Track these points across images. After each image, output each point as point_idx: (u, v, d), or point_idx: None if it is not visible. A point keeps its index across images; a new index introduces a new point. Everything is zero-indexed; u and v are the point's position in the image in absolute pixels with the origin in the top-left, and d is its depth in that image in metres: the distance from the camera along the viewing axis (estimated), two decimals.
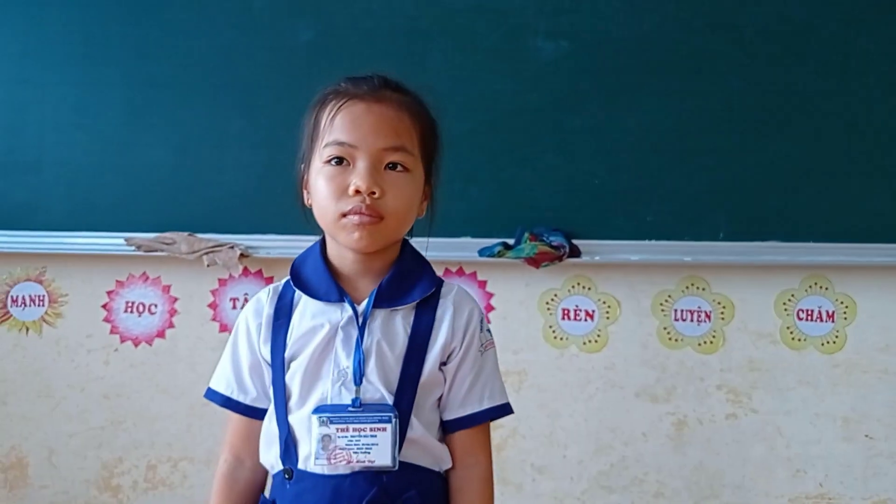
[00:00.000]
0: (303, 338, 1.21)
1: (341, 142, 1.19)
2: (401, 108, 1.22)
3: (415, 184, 1.23)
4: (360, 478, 1.16)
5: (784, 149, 2.27)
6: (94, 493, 2.41)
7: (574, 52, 2.29)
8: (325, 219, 1.21)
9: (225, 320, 2.41)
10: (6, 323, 2.43)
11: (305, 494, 1.17)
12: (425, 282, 1.24)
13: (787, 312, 2.35)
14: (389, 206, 1.18)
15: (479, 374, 1.25)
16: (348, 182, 1.17)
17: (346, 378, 1.18)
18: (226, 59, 2.34)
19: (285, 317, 1.24)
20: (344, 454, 1.15)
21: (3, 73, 2.37)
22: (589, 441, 2.37)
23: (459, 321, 1.24)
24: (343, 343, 1.19)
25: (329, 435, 1.15)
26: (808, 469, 2.35)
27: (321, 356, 1.20)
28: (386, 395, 1.18)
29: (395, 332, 1.21)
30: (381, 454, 1.15)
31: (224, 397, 1.27)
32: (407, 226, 1.25)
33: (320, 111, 1.24)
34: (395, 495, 1.16)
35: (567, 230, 2.27)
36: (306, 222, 1.28)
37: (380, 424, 1.16)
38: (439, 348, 1.21)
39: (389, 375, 1.19)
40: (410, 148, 1.21)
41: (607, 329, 2.38)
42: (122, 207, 2.33)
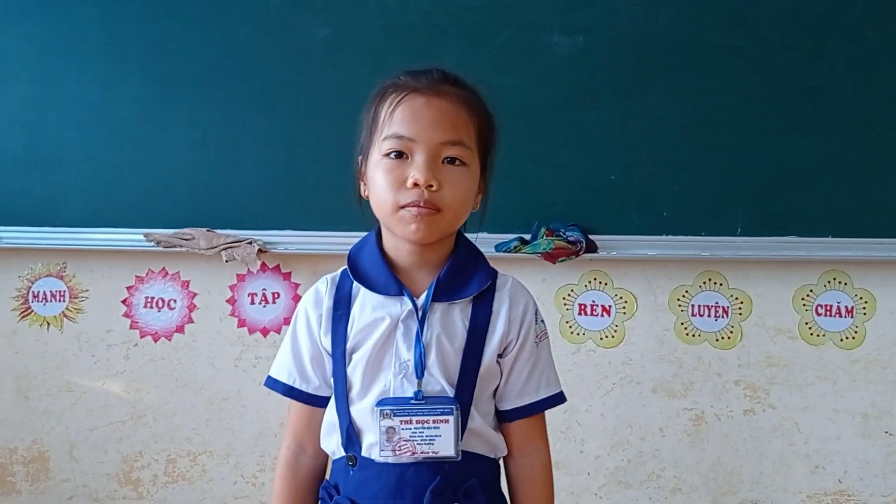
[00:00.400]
0: (364, 330, 1.24)
1: (400, 135, 1.21)
2: (459, 103, 1.24)
3: (471, 178, 1.24)
4: (424, 467, 1.20)
5: (802, 143, 2.26)
6: (114, 486, 2.43)
7: (589, 48, 2.28)
8: (383, 211, 1.23)
9: (243, 316, 2.43)
10: (28, 318, 2.46)
11: (370, 482, 1.21)
12: (482, 274, 1.27)
13: (806, 308, 2.34)
14: (447, 200, 1.20)
15: (536, 364, 1.28)
16: (406, 175, 1.19)
17: (408, 371, 1.21)
18: (243, 56, 2.35)
19: (345, 308, 1.26)
20: (408, 445, 1.19)
21: (24, 71, 2.38)
22: (606, 436, 2.37)
23: (516, 313, 1.27)
24: (404, 336, 1.22)
25: (393, 427, 1.19)
26: (826, 466, 2.34)
27: (382, 349, 1.23)
28: (446, 387, 1.21)
29: (454, 325, 1.24)
30: (445, 445, 1.19)
31: (287, 386, 1.30)
32: (462, 219, 1.27)
33: (379, 104, 1.26)
34: (458, 483, 1.20)
35: (583, 225, 2.26)
36: (361, 214, 1.30)
37: (442, 416, 1.19)
38: (497, 341, 1.24)
39: (450, 368, 1.22)
40: (468, 142, 1.23)
41: (624, 324, 2.37)
42: (142, 203, 2.35)
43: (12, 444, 2.45)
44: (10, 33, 2.39)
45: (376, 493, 1.20)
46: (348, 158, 2.27)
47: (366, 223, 1.33)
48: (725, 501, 2.35)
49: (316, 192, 2.33)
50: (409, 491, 1.19)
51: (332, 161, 2.32)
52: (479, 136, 1.26)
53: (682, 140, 2.27)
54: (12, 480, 2.45)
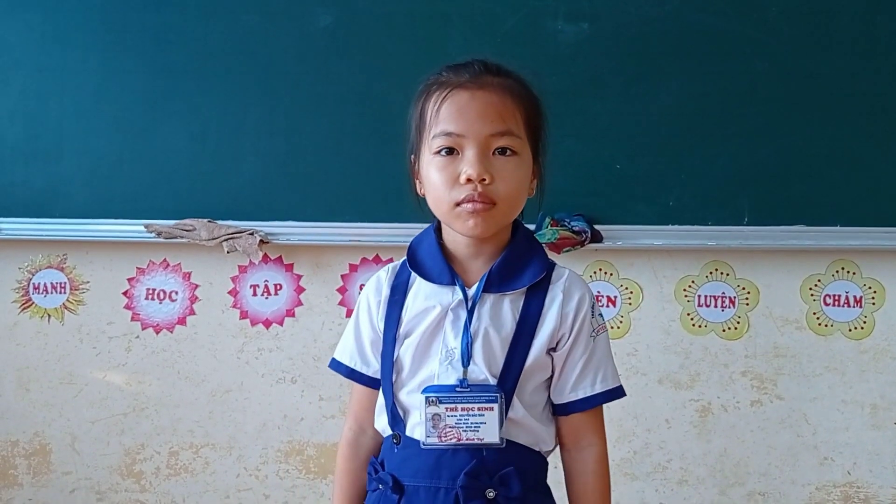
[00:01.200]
0: (416, 317, 1.27)
1: (449, 132, 1.22)
2: (504, 93, 1.25)
3: (524, 166, 1.26)
4: (463, 450, 1.22)
5: (810, 131, 2.23)
6: (116, 479, 2.42)
7: (594, 35, 2.26)
8: (441, 209, 1.25)
9: (245, 307, 2.41)
10: (28, 310, 2.45)
11: (411, 460, 1.24)
12: (535, 266, 1.28)
13: (814, 298, 2.32)
14: (501, 192, 1.22)
15: (591, 358, 1.29)
16: (459, 171, 1.21)
17: (454, 358, 1.24)
18: (244, 46, 2.33)
19: (401, 294, 1.30)
20: (454, 432, 1.22)
21: (24, 60, 2.37)
22: (611, 428, 2.31)
23: (569, 308, 1.27)
24: (452, 324, 1.25)
25: (439, 414, 1.22)
26: (835, 457, 2.32)
27: (431, 335, 1.25)
28: (489, 377, 1.23)
29: (502, 316, 1.25)
30: (489, 432, 1.21)
31: (349, 369, 1.35)
32: (518, 208, 1.29)
33: (425, 103, 1.27)
34: (494, 470, 1.22)
35: (588, 215, 2.24)
36: (420, 211, 1.32)
37: (487, 404, 1.21)
38: (547, 334, 1.26)
39: (494, 359, 1.24)
40: (517, 131, 1.24)
41: (629, 315, 2.35)
42: (142, 194, 2.33)
43: (14, 436, 2.44)
44: (10, 23, 2.37)
45: (416, 471, 1.23)
46: (351, 148, 2.28)
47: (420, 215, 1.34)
48: (732, 493, 2.33)
49: (318, 183, 2.31)
50: (446, 472, 1.22)
51: (334, 151, 2.31)
52: (527, 122, 1.27)
53: (688, 128, 2.25)
54: (14, 473, 2.44)
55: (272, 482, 2.40)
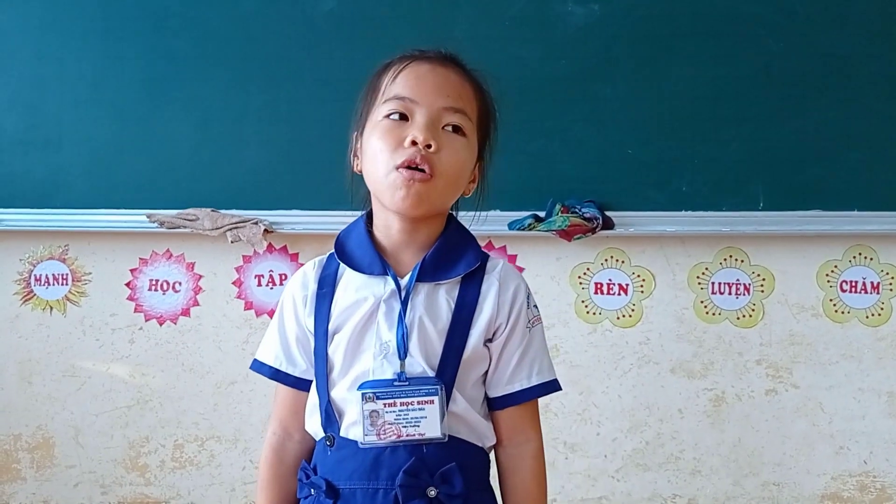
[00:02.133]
0: (346, 310, 1.21)
1: (402, 96, 1.19)
2: (465, 77, 1.24)
3: (469, 149, 1.22)
4: (401, 448, 1.17)
5: (825, 114, 2.19)
6: (121, 472, 2.39)
7: (605, 17, 2.22)
8: (377, 174, 1.19)
9: (250, 298, 2.37)
10: (30, 302, 2.41)
11: (346, 461, 1.18)
12: (470, 256, 1.23)
13: (830, 284, 2.28)
14: (443, 163, 1.17)
15: (527, 350, 1.24)
16: (405, 134, 1.17)
17: (389, 351, 1.18)
18: (246, 31, 2.28)
19: (329, 287, 1.24)
20: (393, 428, 1.16)
21: (22, 48, 2.33)
22: (623, 418, 2.31)
23: (505, 297, 1.23)
24: (385, 316, 1.19)
25: (377, 410, 1.16)
26: (851, 446, 2.28)
27: (363, 329, 1.20)
28: (427, 369, 1.18)
29: (438, 306, 1.20)
30: (431, 426, 1.16)
31: (273, 370, 1.28)
32: (455, 193, 1.24)
33: (381, 76, 1.24)
34: (435, 467, 1.17)
35: (600, 202, 2.20)
36: (352, 192, 1.29)
37: (427, 398, 1.16)
38: (484, 324, 1.21)
39: (432, 349, 1.19)
40: (469, 113, 1.22)
41: (641, 303, 2.31)
42: (144, 184, 2.29)
43: (16, 430, 2.41)
44: (7, 11, 2.34)
45: (351, 473, 1.17)
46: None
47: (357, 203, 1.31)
48: (747, 483, 2.29)
49: (323, 170, 2.25)
50: (385, 472, 1.16)
51: (339, 138, 2.20)
52: (479, 115, 1.24)
53: (701, 112, 2.20)
54: (17, 467, 2.41)
55: None
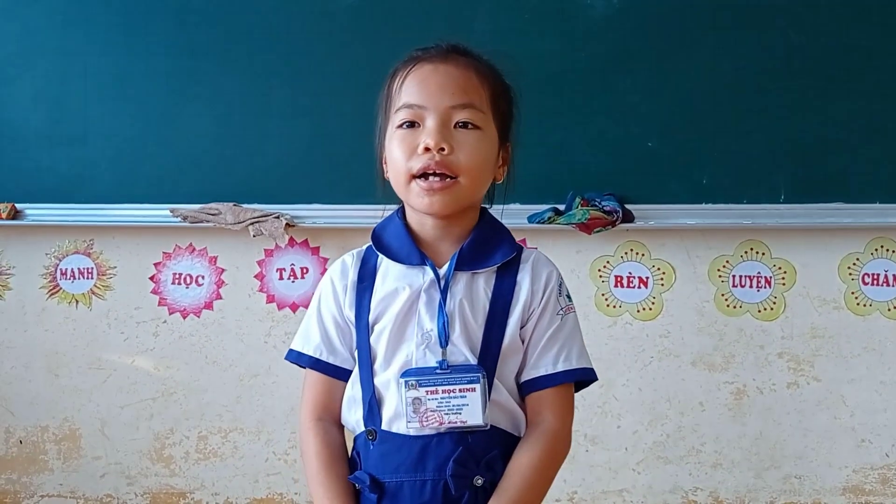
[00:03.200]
0: (385, 300, 1.22)
1: (410, 104, 1.19)
2: (468, 68, 1.22)
3: (487, 141, 1.21)
4: (447, 438, 1.17)
5: (847, 106, 2.18)
6: (146, 463, 2.42)
7: (625, 9, 2.22)
8: (398, 182, 1.21)
9: (272, 291, 2.39)
10: (56, 296, 2.44)
11: (391, 454, 1.18)
12: (506, 246, 1.24)
13: (852, 277, 2.26)
14: (461, 163, 1.18)
15: (556, 336, 1.22)
16: (418, 142, 1.18)
17: (431, 341, 1.19)
18: (268, 26, 2.30)
19: (369, 280, 1.25)
20: (435, 416, 1.16)
21: (47, 44, 2.35)
22: (644, 411, 2.32)
23: (538, 284, 1.23)
24: (426, 306, 1.20)
25: (419, 398, 1.16)
26: (873, 439, 2.27)
27: (405, 319, 1.20)
28: (470, 357, 1.18)
29: (477, 295, 1.21)
30: (473, 414, 1.16)
31: (312, 359, 1.26)
32: (481, 186, 1.24)
33: (391, 82, 1.25)
34: (480, 455, 1.17)
35: (620, 195, 2.20)
36: (385, 198, 1.28)
37: (469, 385, 1.16)
38: (519, 311, 1.21)
39: (473, 338, 1.19)
40: (480, 105, 1.20)
41: (662, 296, 2.31)
42: (167, 178, 2.32)
43: (44, 422, 2.45)
44: (33, 7, 2.36)
45: (397, 466, 1.17)
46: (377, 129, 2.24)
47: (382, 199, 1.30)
48: (768, 476, 2.29)
49: (344, 164, 2.27)
50: (432, 463, 1.16)
51: (360, 132, 2.21)
52: (492, 101, 1.23)
53: (722, 104, 2.20)
54: (44, 459, 2.44)
55: (300, 466, 2.37)
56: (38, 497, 2.45)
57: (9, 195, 2.34)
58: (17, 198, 2.34)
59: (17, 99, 2.36)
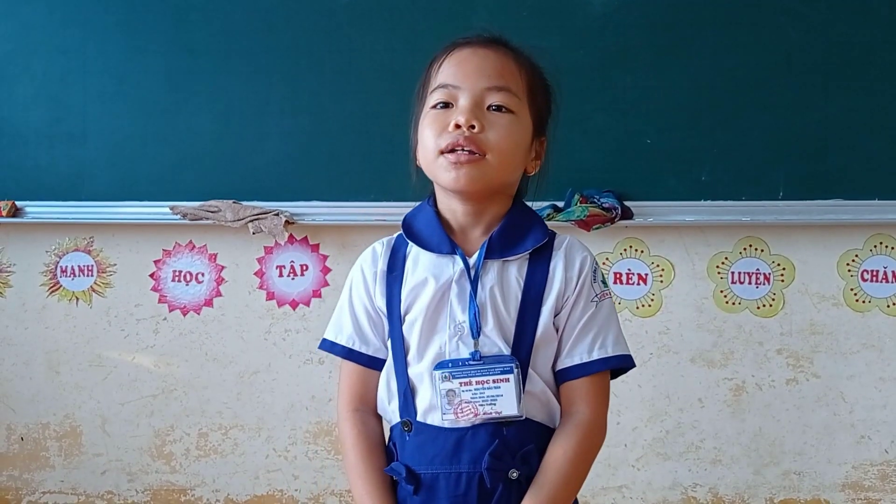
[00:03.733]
0: (415, 290, 1.21)
1: (445, 84, 1.19)
2: (507, 54, 1.22)
3: (520, 126, 1.20)
4: (482, 430, 1.16)
5: (846, 102, 2.18)
6: (147, 460, 2.43)
7: (624, 6, 2.22)
8: (427, 159, 1.20)
9: (272, 288, 2.39)
10: (56, 293, 2.45)
11: (426, 446, 1.18)
12: (537, 232, 1.22)
13: (851, 273, 2.27)
14: (490, 141, 1.16)
15: (590, 323, 1.21)
16: (449, 120, 1.17)
17: (463, 332, 1.18)
18: (267, 23, 2.30)
19: (399, 269, 1.24)
20: (470, 407, 1.16)
21: (47, 42, 2.36)
22: (643, 407, 2.32)
23: (572, 270, 1.21)
24: (458, 297, 1.19)
25: (453, 389, 1.16)
26: (872, 435, 2.27)
27: (436, 310, 1.19)
28: (503, 347, 1.17)
29: (508, 283, 1.20)
30: (507, 405, 1.15)
31: (346, 349, 1.26)
32: (511, 169, 1.21)
33: (430, 69, 1.24)
34: (516, 448, 1.16)
35: (619, 191, 2.20)
36: (419, 186, 1.28)
37: (502, 376, 1.16)
38: (553, 299, 1.20)
39: (505, 328, 1.18)
40: (515, 90, 1.19)
41: (661, 293, 2.31)
42: (167, 176, 2.32)
43: (45, 419, 2.45)
44: (32, 5, 2.37)
45: (432, 458, 1.17)
46: (376, 126, 2.25)
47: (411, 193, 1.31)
48: (767, 472, 2.29)
49: (344, 162, 2.28)
50: (467, 455, 1.15)
51: (360, 129, 2.28)
52: (529, 89, 1.22)
53: (721, 101, 2.20)
54: (45, 455, 2.45)
55: (301, 463, 2.39)
56: (39, 494, 2.45)
57: (9, 193, 2.35)
58: (17, 195, 2.35)
59: (17, 97, 2.36)
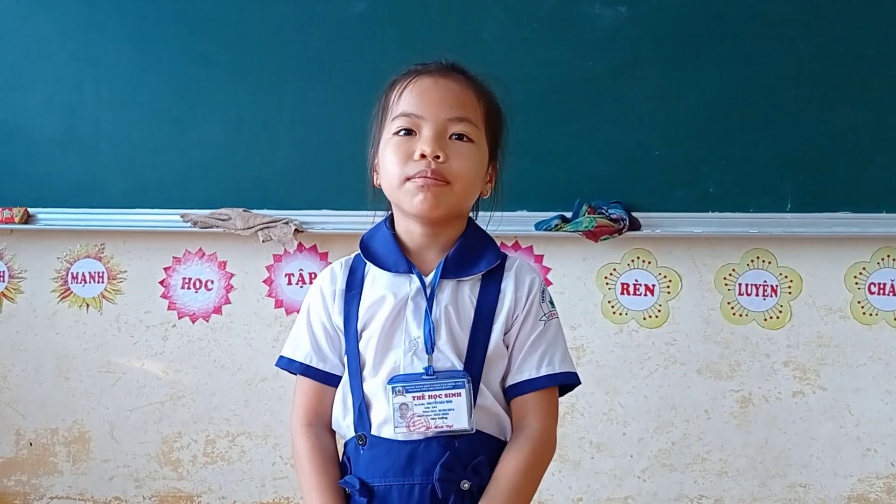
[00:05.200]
0: (372, 307, 1.24)
1: (408, 113, 1.23)
2: (466, 85, 1.27)
3: (479, 154, 1.25)
4: (434, 443, 1.19)
5: (855, 115, 2.18)
6: (154, 466, 2.44)
7: (633, 19, 2.23)
8: (391, 185, 1.24)
9: (280, 296, 2.41)
10: (67, 299, 2.47)
11: (380, 459, 1.20)
12: (490, 254, 1.27)
13: (858, 286, 2.26)
14: (454, 170, 1.21)
15: (539, 341, 1.25)
16: (414, 148, 1.21)
17: (418, 347, 1.21)
18: (278, 34, 2.32)
19: (357, 288, 1.27)
20: (422, 421, 1.19)
21: (60, 50, 2.38)
22: (649, 418, 2.32)
23: (521, 291, 1.26)
24: (413, 314, 1.22)
25: (406, 403, 1.19)
26: (878, 448, 2.27)
27: (392, 326, 1.22)
28: (456, 362, 1.21)
29: (462, 302, 1.24)
30: (458, 418, 1.18)
31: (303, 365, 1.29)
32: (471, 196, 1.27)
33: (389, 93, 1.28)
34: (467, 459, 1.19)
35: (626, 202, 2.21)
36: (376, 204, 1.32)
37: (454, 390, 1.19)
38: (504, 317, 1.24)
39: (459, 344, 1.22)
40: (475, 121, 1.25)
41: (668, 304, 2.31)
42: (178, 184, 2.34)
43: (54, 424, 2.47)
44: (46, 14, 2.39)
45: (386, 471, 1.19)
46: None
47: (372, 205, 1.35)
48: (773, 485, 2.29)
49: (353, 171, 2.23)
50: (419, 467, 1.18)
51: (369, 139, 2.28)
52: (486, 119, 1.27)
53: (729, 113, 2.21)
54: (54, 461, 2.46)
55: None
56: (47, 499, 2.47)
57: (21, 200, 2.37)
58: (29, 202, 2.37)
59: (31, 105, 2.39)
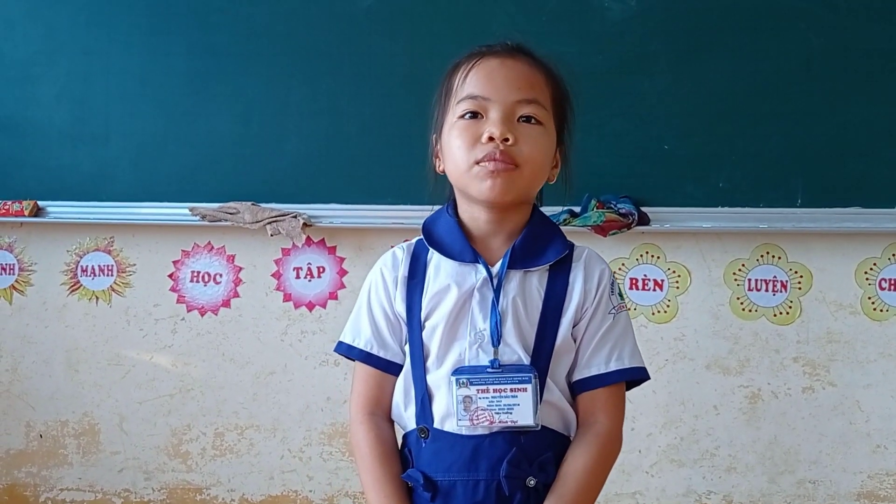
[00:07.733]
0: (436, 296, 1.21)
1: (475, 95, 1.19)
2: (535, 66, 1.23)
3: (548, 137, 1.21)
4: (500, 438, 1.16)
5: (866, 110, 2.17)
6: (164, 459, 2.45)
7: (642, 12, 2.22)
8: (458, 170, 1.20)
9: (289, 290, 2.41)
10: (77, 292, 2.48)
11: (443, 453, 1.18)
12: (558, 244, 1.23)
13: (869, 282, 2.25)
14: (524, 154, 1.17)
15: (607, 335, 1.22)
16: (482, 131, 1.17)
17: (484, 340, 1.18)
18: (287, 27, 2.32)
19: (420, 276, 1.24)
20: (486, 414, 1.16)
21: (70, 44, 2.39)
22: (658, 413, 2.32)
23: (591, 283, 1.23)
24: (479, 305, 1.19)
25: (470, 396, 1.16)
26: (888, 445, 2.26)
27: (458, 318, 1.20)
28: (523, 356, 1.18)
29: (530, 293, 1.20)
30: (523, 414, 1.16)
31: (364, 353, 1.26)
32: (539, 180, 1.23)
33: (452, 76, 1.24)
34: (533, 456, 1.17)
35: (635, 197, 2.20)
36: (437, 191, 1.28)
37: (520, 385, 1.16)
38: (573, 311, 1.21)
39: (526, 337, 1.19)
40: (543, 102, 1.21)
41: (677, 299, 2.31)
42: (187, 177, 2.34)
43: (63, 416, 2.48)
44: (56, 7, 2.40)
45: (450, 465, 1.17)
46: (394, 129, 2.26)
47: (430, 197, 1.31)
48: (782, 481, 2.28)
49: (361, 165, 2.29)
50: (485, 463, 1.16)
51: (377, 132, 2.29)
52: (554, 101, 1.23)
53: (739, 107, 2.19)
54: (64, 453, 2.48)
55: (316, 464, 2.41)
56: (57, 490, 2.48)
57: (31, 193, 2.38)
58: (39, 195, 2.38)
59: (41, 98, 2.40)
